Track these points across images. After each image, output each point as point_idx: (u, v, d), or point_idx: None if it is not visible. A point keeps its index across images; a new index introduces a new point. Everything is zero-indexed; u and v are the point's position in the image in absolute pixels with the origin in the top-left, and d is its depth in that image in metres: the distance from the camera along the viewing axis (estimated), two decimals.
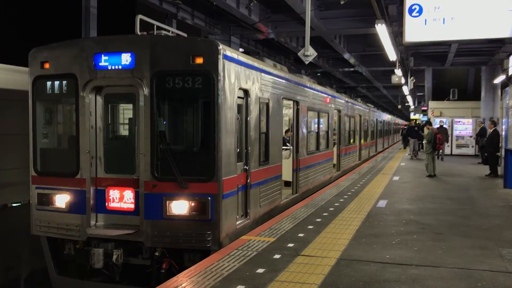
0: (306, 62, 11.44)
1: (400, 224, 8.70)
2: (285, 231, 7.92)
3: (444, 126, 25.13)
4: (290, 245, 7.06)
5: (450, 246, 7.16)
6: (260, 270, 5.83)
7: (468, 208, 10.52)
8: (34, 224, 7.68)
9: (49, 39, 7.96)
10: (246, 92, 8.04)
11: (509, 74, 17.31)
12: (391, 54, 17.04)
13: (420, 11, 8.78)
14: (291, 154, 11.41)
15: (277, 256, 6.45)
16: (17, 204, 10.04)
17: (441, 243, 7.30)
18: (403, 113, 77.15)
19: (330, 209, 10.04)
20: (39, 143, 7.74)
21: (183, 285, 5.32)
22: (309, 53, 10.88)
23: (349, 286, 5.33)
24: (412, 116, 52.76)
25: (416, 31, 8.89)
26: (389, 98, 55.37)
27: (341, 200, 11.26)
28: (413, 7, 8.77)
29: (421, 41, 9.40)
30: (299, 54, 11.48)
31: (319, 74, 28.42)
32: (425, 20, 8.75)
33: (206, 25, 17.61)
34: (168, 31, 7.91)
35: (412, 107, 46.25)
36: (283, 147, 10.64)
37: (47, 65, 7.56)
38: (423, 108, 39.66)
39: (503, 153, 15.42)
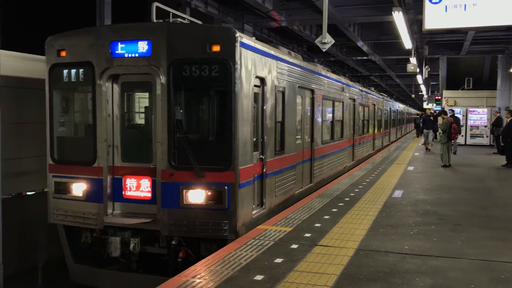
0: (323, 50, 11.28)
1: (417, 214, 8.61)
2: (301, 221, 7.88)
3: (456, 115, 24.61)
4: (307, 235, 7.01)
5: (470, 237, 7.07)
6: (278, 260, 5.80)
7: (486, 199, 10.38)
8: (51, 213, 7.71)
9: (63, 28, 7.93)
10: (262, 80, 7.96)
11: None
12: (407, 43, 16.79)
13: None
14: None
15: (294, 246, 6.42)
16: (32, 193, 10.08)
17: (460, 234, 7.21)
18: (416, 102, 76.44)
19: (346, 199, 9.97)
20: (56, 132, 7.75)
21: (202, 274, 5.31)
22: (327, 40, 10.71)
23: (369, 276, 5.28)
24: (425, 105, 52.24)
25: (436, 18, 8.66)
26: (402, 87, 54.84)
27: (356, 190, 11.18)
28: None
29: (441, 28, 9.18)
30: (316, 41, 11.31)
31: (333, 59, 28.08)
32: (446, 6, 8.52)
33: (220, 13, 17.47)
34: (184, 19, 7.83)
35: (426, 96, 45.75)
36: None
37: (63, 53, 7.53)
38: (436, 98, 39.19)
39: None
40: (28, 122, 9.44)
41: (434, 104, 40.88)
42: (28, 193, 9.98)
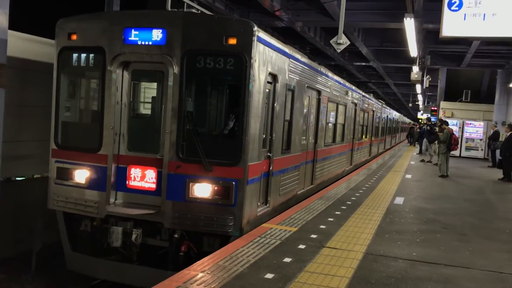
0: (338, 51, 11.17)
1: (421, 222, 8.53)
2: (305, 222, 7.77)
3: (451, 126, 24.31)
4: (313, 236, 6.91)
5: (477, 248, 7.01)
6: (287, 259, 5.68)
7: (487, 211, 10.36)
8: (51, 198, 7.52)
9: (71, 12, 7.74)
10: (274, 77, 7.83)
11: None
12: (413, 50, 16.74)
13: (460, 5, 8.49)
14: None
15: (301, 246, 6.30)
16: (21, 178, 9.81)
17: (467, 244, 7.15)
18: (409, 112, 76.70)
19: (348, 202, 9.88)
20: (61, 116, 7.55)
21: (210, 269, 5.18)
22: (342, 41, 10.61)
23: (381, 281, 5.18)
24: (419, 115, 52.49)
25: (454, 25, 8.59)
26: (398, 96, 54.96)
27: (356, 194, 11.09)
28: (452, 1, 8.48)
29: (459, 36, 9.10)
30: (331, 41, 11.16)
31: (333, 63, 27.98)
32: (465, 14, 8.46)
33: (226, 8, 17.30)
34: (198, 10, 7.68)
35: (421, 106, 45.93)
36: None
37: (74, 37, 7.34)
38: (432, 108, 39.29)
39: None
40: (29, 106, 9.22)
41: (429, 114, 41.04)
42: (17, 178, 9.70)
